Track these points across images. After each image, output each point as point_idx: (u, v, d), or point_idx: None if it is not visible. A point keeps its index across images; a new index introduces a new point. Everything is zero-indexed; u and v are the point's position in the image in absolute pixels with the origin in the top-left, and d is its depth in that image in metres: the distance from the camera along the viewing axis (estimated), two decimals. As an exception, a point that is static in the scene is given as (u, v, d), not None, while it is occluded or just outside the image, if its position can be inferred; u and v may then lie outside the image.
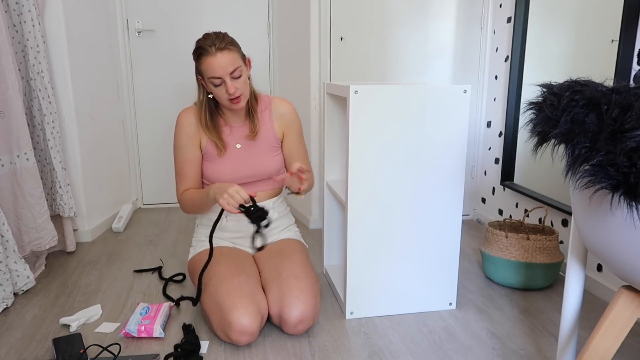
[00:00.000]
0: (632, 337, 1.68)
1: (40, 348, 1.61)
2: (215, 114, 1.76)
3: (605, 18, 1.93)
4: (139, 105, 3.14)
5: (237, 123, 1.78)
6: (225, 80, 1.61)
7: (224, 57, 1.59)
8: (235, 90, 1.62)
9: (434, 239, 1.80)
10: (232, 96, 1.63)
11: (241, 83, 1.64)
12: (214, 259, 1.72)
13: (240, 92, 1.65)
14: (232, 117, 1.78)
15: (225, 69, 1.60)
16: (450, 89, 1.69)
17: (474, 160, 2.93)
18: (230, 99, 1.64)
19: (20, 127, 2.04)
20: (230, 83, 1.61)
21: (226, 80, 1.61)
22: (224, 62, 1.59)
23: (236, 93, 1.63)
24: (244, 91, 1.67)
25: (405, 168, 1.72)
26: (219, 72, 1.60)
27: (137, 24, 3.03)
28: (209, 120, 1.74)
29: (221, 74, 1.60)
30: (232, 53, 1.61)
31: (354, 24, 2.63)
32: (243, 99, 1.68)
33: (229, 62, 1.60)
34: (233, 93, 1.62)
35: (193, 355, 1.53)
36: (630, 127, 0.86)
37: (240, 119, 1.78)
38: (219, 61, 1.59)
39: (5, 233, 1.89)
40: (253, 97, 1.77)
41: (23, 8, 2.12)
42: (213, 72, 1.60)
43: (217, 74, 1.60)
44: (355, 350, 1.60)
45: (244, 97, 1.67)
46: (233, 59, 1.61)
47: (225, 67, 1.60)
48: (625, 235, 0.97)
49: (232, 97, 1.64)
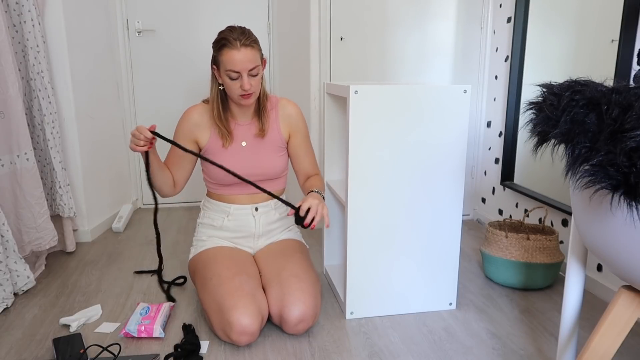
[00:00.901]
0: (632, 337, 1.68)
1: (40, 348, 1.61)
2: (226, 108, 1.78)
3: (605, 18, 1.93)
4: (139, 105, 3.14)
5: (244, 121, 1.79)
6: (242, 75, 1.63)
7: (248, 53, 1.61)
8: (250, 87, 1.64)
9: (434, 239, 1.80)
10: (246, 92, 1.65)
11: (256, 81, 1.67)
12: (214, 259, 1.72)
13: (253, 89, 1.66)
14: (240, 114, 1.78)
15: (245, 65, 1.61)
16: (450, 89, 1.69)
17: (474, 160, 2.93)
18: (242, 94, 1.66)
19: (20, 127, 2.04)
20: (246, 79, 1.63)
21: (243, 76, 1.63)
22: (247, 58, 1.61)
23: (250, 90, 1.65)
24: (257, 89, 1.69)
25: (405, 168, 1.72)
26: (239, 67, 1.61)
27: (137, 24, 3.03)
28: (221, 110, 1.75)
29: (240, 69, 1.62)
30: (254, 51, 1.63)
31: (354, 24, 2.63)
32: (253, 97, 1.69)
33: (251, 59, 1.62)
34: (247, 89, 1.64)
35: (193, 355, 1.53)
36: (630, 127, 0.86)
37: (247, 117, 1.79)
38: (242, 56, 1.61)
39: (5, 233, 1.89)
40: (265, 96, 1.79)
41: (23, 8, 2.12)
42: (233, 65, 1.62)
43: (237, 68, 1.62)
44: (355, 350, 1.60)
45: (254, 95, 1.69)
46: (254, 57, 1.63)
47: (246, 64, 1.61)
48: (625, 235, 0.97)
49: (245, 93, 1.66)
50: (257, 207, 1.82)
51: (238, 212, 1.81)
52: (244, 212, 1.82)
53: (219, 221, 1.82)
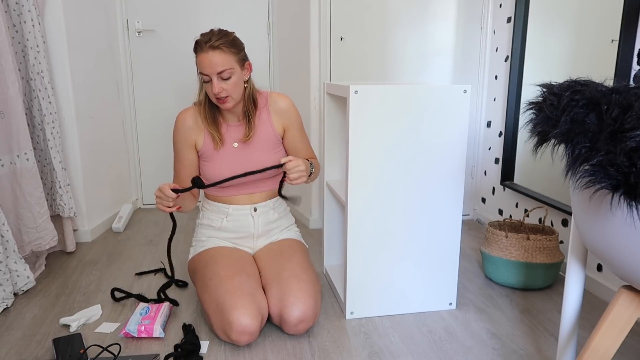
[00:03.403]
0: (632, 337, 1.68)
1: (40, 348, 1.61)
2: (215, 109, 1.77)
3: (605, 18, 1.93)
4: (139, 105, 3.14)
5: (233, 122, 1.78)
6: (212, 78, 1.62)
7: (215, 56, 1.59)
8: (220, 91, 1.62)
9: (434, 239, 1.80)
10: (217, 96, 1.64)
11: (230, 85, 1.63)
12: (214, 259, 1.72)
13: (226, 93, 1.64)
14: (228, 116, 1.78)
15: (213, 67, 1.60)
16: (450, 89, 1.69)
17: (474, 160, 2.93)
18: (216, 97, 1.65)
19: (20, 127, 2.04)
20: (216, 83, 1.61)
21: (213, 79, 1.61)
22: (213, 60, 1.59)
23: (221, 94, 1.63)
24: (232, 93, 1.65)
25: (405, 168, 1.72)
26: (207, 70, 1.61)
27: (137, 24, 3.03)
28: (208, 113, 1.74)
29: (208, 72, 1.61)
30: (224, 54, 1.60)
31: (354, 24, 2.63)
32: (230, 101, 1.66)
33: (219, 61, 1.59)
34: (217, 93, 1.63)
35: (193, 355, 1.53)
36: (630, 127, 0.86)
37: (236, 119, 1.78)
38: (208, 59, 1.59)
39: (5, 233, 1.89)
40: (251, 101, 1.75)
41: (23, 8, 2.12)
42: (202, 68, 1.62)
43: (205, 71, 1.61)
44: (355, 350, 1.60)
45: (231, 99, 1.66)
46: (224, 60, 1.60)
47: (213, 66, 1.60)
48: (625, 235, 0.96)
49: (217, 96, 1.64)
50: (255, 207, 1.82)
51: (237, 212, 1.81)
52: (243, 212, 1.82)
53: (218, 222, 1.82)
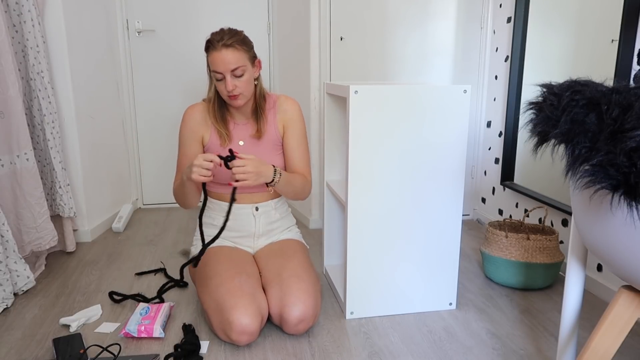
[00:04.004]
0: (632, 337, 1.68)
1: (40, 348, 1.61)
2: (224, 107, 1.79)
3: (605, 18, 1.93)
4: (139, 105, 3.14)
5: (241, 121, 1.80)
6: (225, 76, 1.64)
7: (228, 54, 1.62)
8: (233, 88, 1.65)
9: (434, 239, 1.80)
10: (230, 93, 1.66)
11: (242, 82, 1.66)
12: (214, 259, 1.72)
13: (239, 90, 1.67)
14: (237, 114, 1.79)
15: (226, 65, 1.62)
16: (450, 89, 1.69)
17: (474, 160, 2.93)
18: (228, 95, 1.67)
19: (20, 127, 2.04)
20: (229, 80, 1.64)
21: (226, 77, 1.64)
22: (227, 58, 1.62)
23: (234, 91, 1.66)
24: (244, 90, 1.68)
25: (405, 168, 1.72)
26: (221, 68, 1.63)
27: (137, 24, 3.03)
28: (217, 110, 1.76)
29: (222, 70, 1.63)
30: (237, 52, 1.63)
31: (354, 24, 2.63)
32: (242, 98, 1.69)
33: (232, 59, 1.62)
34: (231, 90, 1.65)
35: (193, 355, 1.53)
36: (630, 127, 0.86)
37: (244, 117, 1.79)
38: (222, 57, 1.62)
39: (5, 233, 1.89)
40: (262, 97, 1.79)
41: (23, 8, 2.12)
42: (216, 66, 1.64)
43: (219, 69, 1.63)
44: (355, 350, 1.60)
45: (243, 97, 1.69)
46: (237, 58, 1.63)
47: (227, 64, 1.62)
48: (625, 235, 0.96)
49: (230, 94, 1.66)
50: (257, 206, 1.82)
51: (238, 211, 1.81)
52: (245, 211, 1.82)
53: (219, 220, 1.82)
